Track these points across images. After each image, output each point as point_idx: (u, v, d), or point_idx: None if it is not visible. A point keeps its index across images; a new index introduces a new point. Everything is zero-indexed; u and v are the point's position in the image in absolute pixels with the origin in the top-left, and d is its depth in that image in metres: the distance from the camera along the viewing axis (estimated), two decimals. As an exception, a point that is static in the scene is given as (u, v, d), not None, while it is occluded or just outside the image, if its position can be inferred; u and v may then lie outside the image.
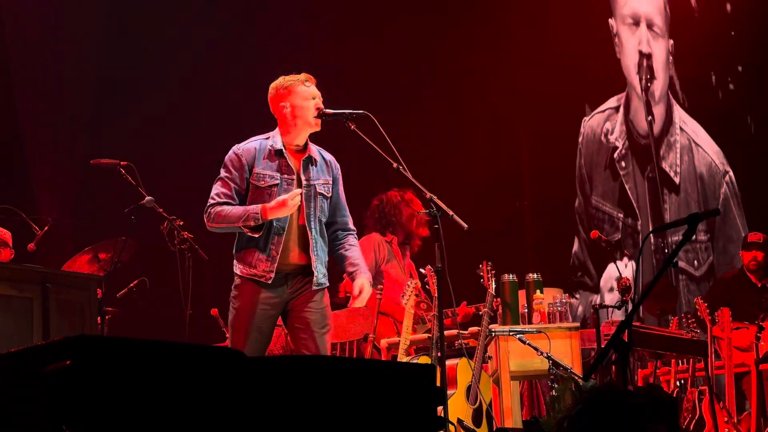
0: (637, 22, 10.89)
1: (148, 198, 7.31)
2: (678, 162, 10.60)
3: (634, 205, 10.74)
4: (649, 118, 10.78)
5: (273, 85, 5.46)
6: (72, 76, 10.27)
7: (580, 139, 10.96)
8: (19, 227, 8.16)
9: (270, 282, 5.29)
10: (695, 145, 10.59)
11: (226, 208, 5.32)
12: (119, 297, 8.25)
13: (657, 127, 10.79)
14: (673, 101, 10.69)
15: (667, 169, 10.61)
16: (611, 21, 10.90)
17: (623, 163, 10.88)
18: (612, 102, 10.95)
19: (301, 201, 5.32)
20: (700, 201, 10.39)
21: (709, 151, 10.54)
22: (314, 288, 5.36)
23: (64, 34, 10.25)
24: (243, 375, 2.86)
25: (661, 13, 10.80)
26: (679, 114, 10.71)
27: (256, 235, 5.27)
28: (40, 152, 10.08)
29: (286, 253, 5.32)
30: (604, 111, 10.97)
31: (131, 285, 8.27)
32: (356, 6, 10.34)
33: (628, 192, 10.75)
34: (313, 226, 5.37)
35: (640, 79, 10.80)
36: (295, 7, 10.36)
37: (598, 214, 10.86)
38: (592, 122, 11.04)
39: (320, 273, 5.39)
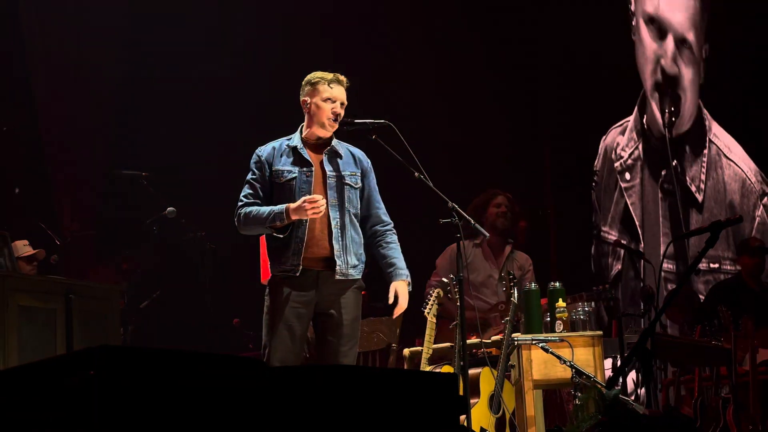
0: (662, 28, 9.61)
1: (169, 209, 7.34)
2: (702, 177, 9.25)
3: (636, 223, 9.44)
4: (667, 111, 9.41)
5: (307, 77, 5.50)
6: (93, 87, 10.32)
7: (596, 165, 9.89)
8: (40, 239, 8.21)
9: (299, 275, 5.25)
10: (726, 159, 9.24)
11: (253, 209, 5.33)
12: (142, 307, 8.29)
13: (680, 124, 9.35)
14: (706, 112, 9.41)
15: (689, 183, 9.32)
16: (632, 7, 9.88)
17: (627, 175, 9.57)
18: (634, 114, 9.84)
19: (326, 197, 5.31)
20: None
21: (744, 167, 9.19)
22: (338, 277, 5.30)
23: (84, 45, 10.30)
24: (265, 384, 2.86)
25: (696, 26, 9.49)
26: (712, 125, 9.35)
27: (281, 236, 5.27)
28: (61, 164, 10.12)
29: (312, 248, 5.28)
30: (621, 125, 9.79)
31: (154, 295, 8.31)
32: (380, 15, 10.33)
33: (630, 208, 9.56)
34: (336, 215, 5.33)
35: (663, 113, 9.45)
36: (319, 11, 10.36)
37: (606, 249, 9.66)
38: (608, 140, 9.84)
39: (344, 263, 5.31)
